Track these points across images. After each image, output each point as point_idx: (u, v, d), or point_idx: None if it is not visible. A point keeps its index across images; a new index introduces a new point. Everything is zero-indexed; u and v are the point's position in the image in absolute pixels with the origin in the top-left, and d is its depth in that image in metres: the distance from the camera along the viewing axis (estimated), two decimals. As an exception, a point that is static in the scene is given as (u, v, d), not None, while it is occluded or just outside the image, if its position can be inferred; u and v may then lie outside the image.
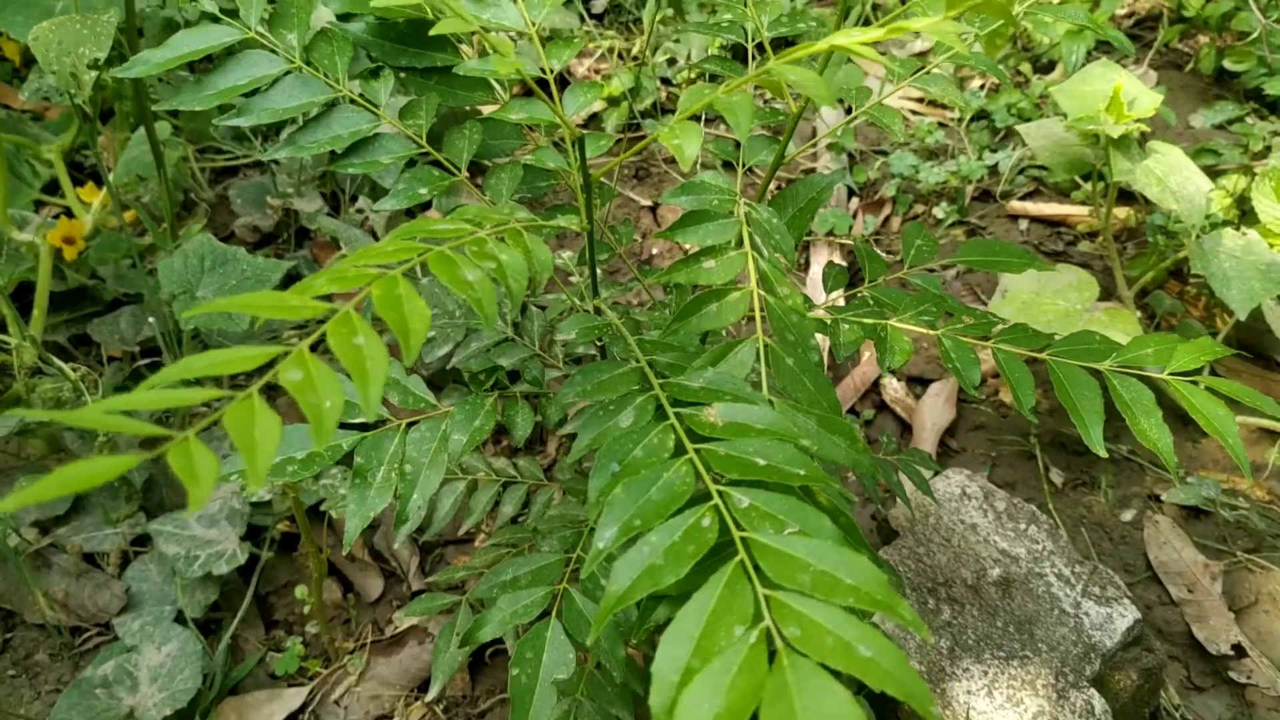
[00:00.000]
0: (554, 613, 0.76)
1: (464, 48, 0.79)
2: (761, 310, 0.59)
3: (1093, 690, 0.99)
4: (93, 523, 1.27)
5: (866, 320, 0.75)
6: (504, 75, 0.51)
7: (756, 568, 0.45)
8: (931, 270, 0.88)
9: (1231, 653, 1.13)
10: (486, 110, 0.82)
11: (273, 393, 1.46)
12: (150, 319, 1.35)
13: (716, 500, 0.49)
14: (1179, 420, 1.43)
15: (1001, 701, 0.99)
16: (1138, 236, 1.59)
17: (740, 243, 0.61)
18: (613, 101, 1.86)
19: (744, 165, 0.80)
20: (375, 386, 0.40)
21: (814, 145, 0.73)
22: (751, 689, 0.40)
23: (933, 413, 1.42)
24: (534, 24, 0.66)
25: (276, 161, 1.67)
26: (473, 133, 0.76)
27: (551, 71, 0.66)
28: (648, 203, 1.78)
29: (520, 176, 0.76)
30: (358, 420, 0.73)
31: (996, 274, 1.54)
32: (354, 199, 1.69)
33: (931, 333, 0.72)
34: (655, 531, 0.48)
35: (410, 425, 0.74)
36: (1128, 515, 1.27)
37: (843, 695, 0.39)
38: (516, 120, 0.66)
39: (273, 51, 0.71)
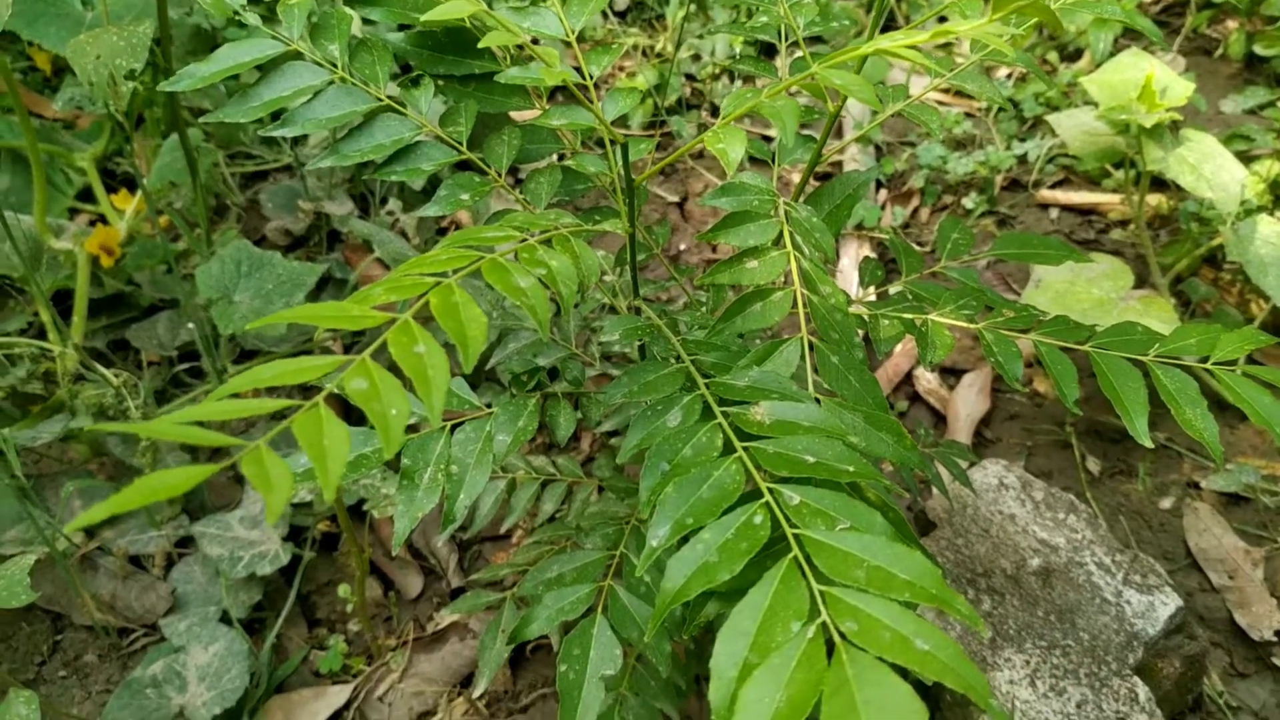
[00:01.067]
0: (599, 609, 0.77)
1: (497, 52, 0.79)
2: (805, 309, 0.59)
3: (1136, 678, 0.99)
4: (137, 525, 1.29)
5: (906, 315, 0.75)
6: (551, 83, 0.51)
7: (810, 564, 0.46)
8: (967, 264, 0.88)
9: (1275, 638, 1.13)
10: (519, 116, 0.83)
11: (306, 393, 1.48)
12: (189, 324, 1.37)
13: (768, 497, 0.50)
14: (1215, 406, 1.42)
15: (1044, 691, 0.99)
16: (1171, 224, 1.58)
17: (781, 242, 0.62)
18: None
19: (779, 164, 0.81)
20: (438, 394, 0.41)
21: (848, 142, 0.74)
22: (811, 683, 0.41)
23: (967, 403, 1.42)
24: (573, 31, 0.67)
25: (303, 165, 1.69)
26: (512, 138, 0.77)
27: (591, 78, 0.67)
28: (675, 199, 1.79)
29: (559, 181, 0.77)
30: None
31: (1029, 264, 1.54)
32: (384, 201, 1.70)
33: (973, 327, 0.73)
34: (708, 529, 0.49)
35: (455, 427, 0.75)
36: (1166, 503, 1.26)
37: (902, 688, 0.40)
38: (558, 126, 0.67)
39: (316, 63, 0.73)
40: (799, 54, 0.68)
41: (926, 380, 1.48)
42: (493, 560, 1.34)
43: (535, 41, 0.60)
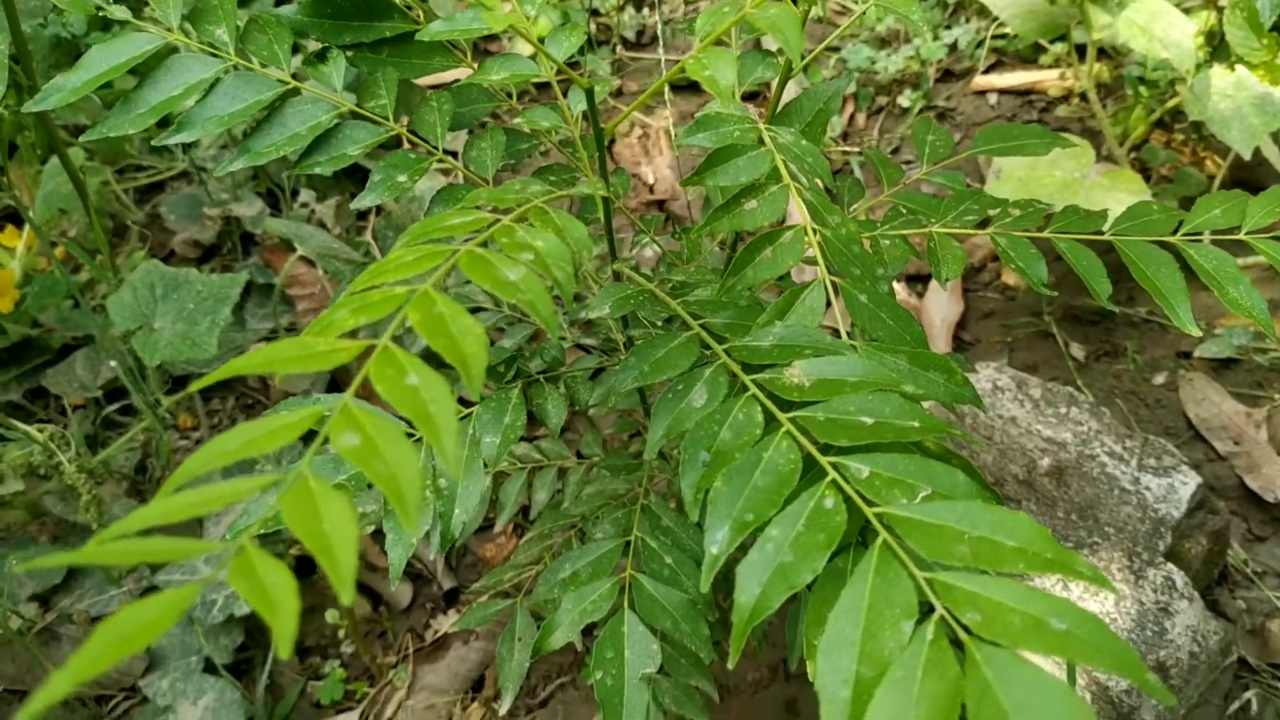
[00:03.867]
0: (626, 604, 0.70)
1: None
2: (820, 245, 0.52)
3: (1170, 565, 0.96)
4: (95, 585, 1.19)
5: (907, 232, 0.68)
6: (497, 30, 0.43)
7: (904, 546, 0.40)
8: (948, 166, 0.82)
9: (1289, 498, 1.11)
10: (434, 81, 0.73)
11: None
12: (110, 361, 1.26)
13: (833, 475, 0.43)
14: (1190, 273, 1.39)
15: (1079, 593, 0.96)
16: (1115, 92, 1.54)
17: (777, 175, 0.55)
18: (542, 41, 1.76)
19: (740, 88, 0.73)
20: (448, 435, 0.33)
21: (820, 50, 0.66)
22: (947, 696, 0.35)
23: (940, 309, 1.37)
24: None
25: (205, 169, 1.56)
26: (443, 103, 0.68)
27: (531, 18, 0.58)
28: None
29: (503, 143, 0.68)
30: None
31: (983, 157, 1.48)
32: (295, 194, 1.59)
33: (982, 233, 0.66)
34: (774, 524, 0.42)
35: (434, 436, 0.67)
36: (1159, 378, 1.23)
37: (1057, 686, 0.34)
38: (499, 80, 0.58)
39: (204, 53, 0.63)
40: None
41: (894, 293, 1.42)
42: (480, 554, 1.27)
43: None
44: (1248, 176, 1.39)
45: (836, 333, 0.52)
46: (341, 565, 0.27)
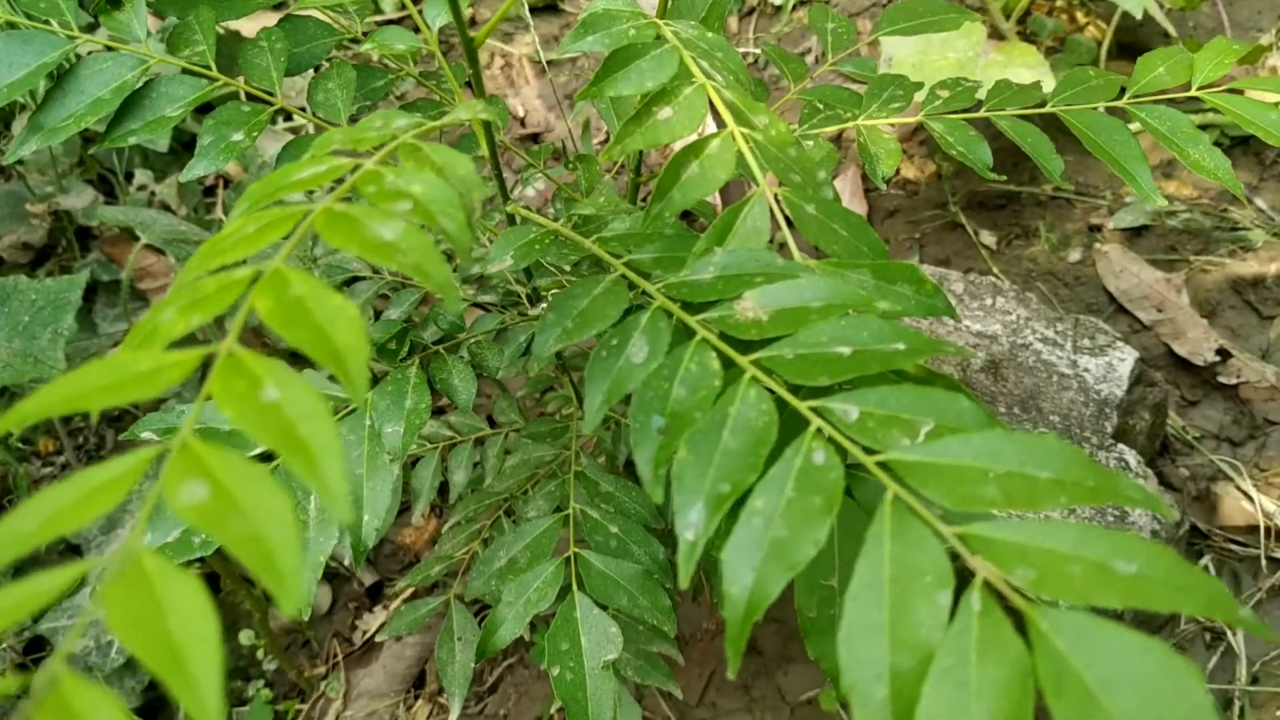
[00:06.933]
0: (574, 587, 0.63)
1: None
2: (752, 152, 0.44)
3: (1121, 446, 0.93)
4: (-32, 645, 1.06)
5: (828, 130, 0.61)
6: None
7: (919, 498, 0.32)
8: (854, 54, 0.74)
9: (1217, 358, 1.09)
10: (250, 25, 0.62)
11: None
12: (-59, 393, 1.10)
13: (817, 422, 0.35)
14: (1073, 142, 1.36)
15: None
16: (987, -36, 1.48)
17: (688, 76, 0.46)
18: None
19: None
20: (329, 463, 0.24)
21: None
22: (1015, 681, 0.28)
23: (845, 213, 1.31)
24: None
25: (21, 161, 1.39)
26: (274, 43, 0.57)
27: (365, -84, 0.48)
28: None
29: (354, 80, 0.58)
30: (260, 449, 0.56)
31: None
32: (129, 176, 1.42)
33: (914, 120, 0.59)
34: (757, 493, 0.34)
35: (326, 433, 0.58)
36: (1075, 255, 1.20)
37: (1148, 646, 0.27)
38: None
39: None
40: None
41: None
42: (400, 542, 1.18)
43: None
44: (1132, 40, 1.36)
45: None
46: (202, 690, 0.18)
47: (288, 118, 1.49)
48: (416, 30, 0.61)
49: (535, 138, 1.49)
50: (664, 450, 0.37)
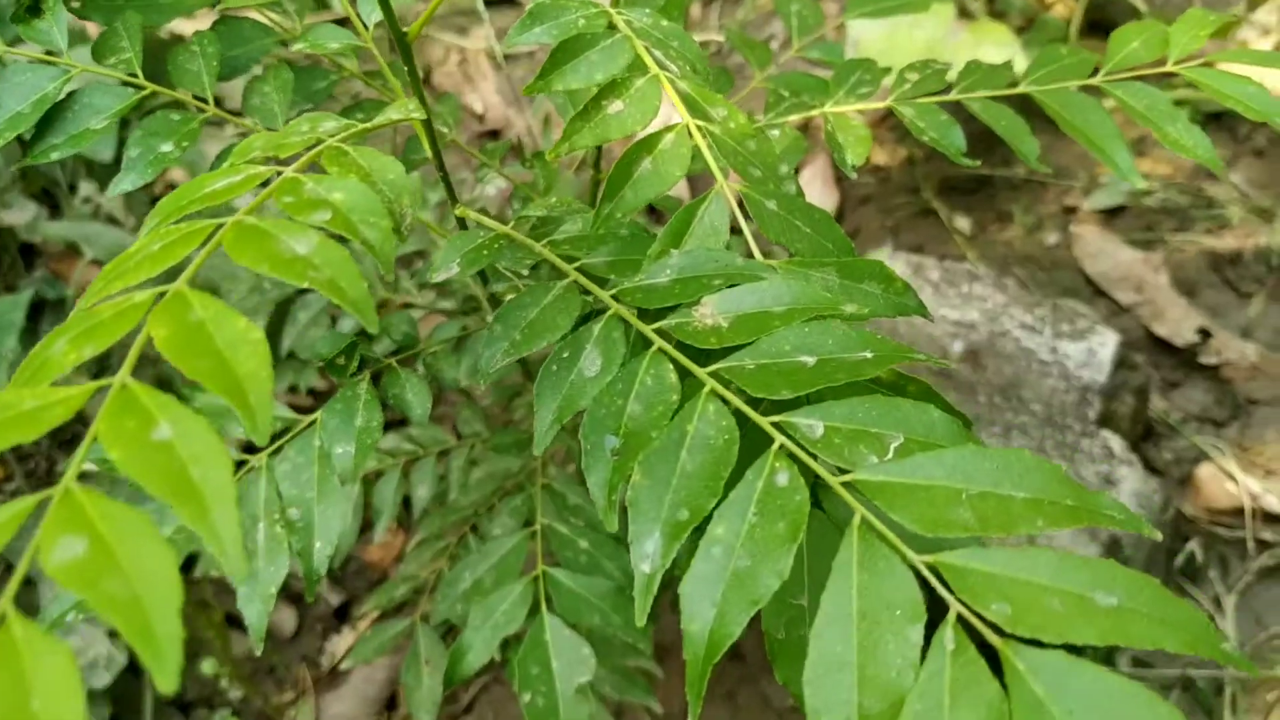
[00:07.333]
0: (544, 607, 0.60)
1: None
2: (709, 146, 0.41)
3: (1105, 432, 0.91)
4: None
5: (794, 118, 0.58)
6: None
7: (888, 522, 0.30)
8: (820, 39, 0.72)
9: (1197, 338, 1.08)
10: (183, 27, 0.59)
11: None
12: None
13: (780, 439, 0.33)
14: (1047, 123, 1.34)
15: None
16: (953, -55, 1.46)
17: (641, 67, 0.43)
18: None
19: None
20: (221, 510, 0.21)
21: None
22: (996, 725, 0.25)
23: (815, 202, 1.28)
24: None
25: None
26: (206, 46, 0.54)
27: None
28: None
29: (291, 82, 0.55)
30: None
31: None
32: (73, 188, 1.38)
33: (882, 106, 0.57)
34: (718, 519, 0.32)
35: (274, 454, 0.55)
36: (1051, 238, 1.18)
37: (1129, 691, 0.25)
38: (259, -2, 0.45)
39: None
40: None
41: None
42: (366, 559, 1.14)
43: None
44: (1101, 17, 1.34)
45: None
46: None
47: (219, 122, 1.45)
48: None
49: (494, 134, 1.46)
50: (618, 473, 0.34)
